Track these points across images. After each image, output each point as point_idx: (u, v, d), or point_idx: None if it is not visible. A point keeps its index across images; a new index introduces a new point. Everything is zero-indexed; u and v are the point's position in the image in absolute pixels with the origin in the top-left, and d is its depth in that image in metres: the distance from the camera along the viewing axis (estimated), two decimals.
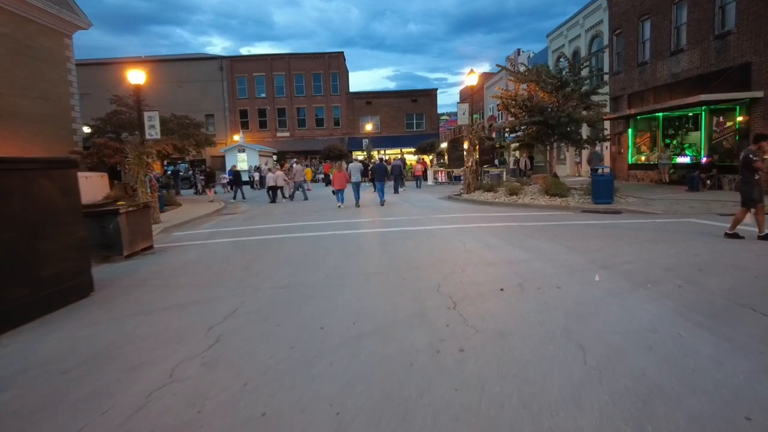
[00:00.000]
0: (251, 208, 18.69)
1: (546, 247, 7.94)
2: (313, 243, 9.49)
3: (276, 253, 8.65)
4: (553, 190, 15.03)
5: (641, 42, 20.19)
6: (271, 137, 47.30)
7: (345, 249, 8.59)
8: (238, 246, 9.78)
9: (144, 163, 14.09)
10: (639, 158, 21.31)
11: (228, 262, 8.14)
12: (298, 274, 6.83)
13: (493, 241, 8.76)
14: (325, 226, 11.95)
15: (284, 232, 11.37)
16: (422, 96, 49.11)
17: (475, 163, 17.98)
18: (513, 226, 10.54)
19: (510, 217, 12.22)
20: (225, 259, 8.38)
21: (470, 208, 14.83)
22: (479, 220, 11.92)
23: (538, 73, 15.60)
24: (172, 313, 5.36)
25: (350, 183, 17.35)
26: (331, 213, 15.29)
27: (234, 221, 14.65)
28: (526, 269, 6.47)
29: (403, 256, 7.76)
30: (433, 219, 12.48)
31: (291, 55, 47.65)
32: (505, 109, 16.81)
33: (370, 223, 12.18)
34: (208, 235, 11.71)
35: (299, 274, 6.82)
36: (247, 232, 11.75)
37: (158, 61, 47.81)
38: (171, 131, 22.00)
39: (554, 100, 15.86)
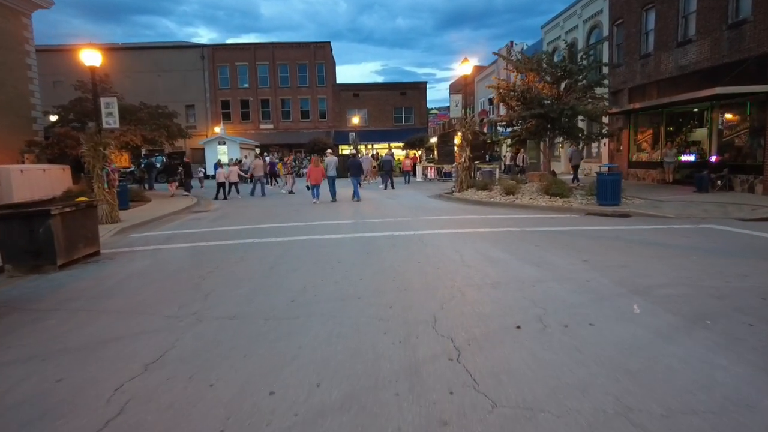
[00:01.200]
0: (224, 206, 17.20)
1: (560, 262, 6.66)
2: (283, 251, 8.11)
3: (237, 265, 7.24)
4: (554, 190, 13.80)
5: (644, 33, 19.03)
6: (254, 129, 45.55)
7: (320, 260, 7.22)
8: (196, 254, 8.35)
9: (100, 155, 12.54)
10: (640, 156, 20.21)
11: (177, 276, 6.72)
12: (256, 298, 5.45)
13: (496, 251, 7.46)
14: (301, 229, 10.57)
15: (254, 235, 9.96)
16: (411, 89, 47.68)
17: (468, 160, 16.70)
18: (515, 233, 9.25)
19: (509, 221, 10.95)
20: (175, 272, 6.97)
21: (464, 209, 13.53)
22: (475, 223, 10.62)
23: (539, 63, 14.33)
24: (77, 358, 3.96)
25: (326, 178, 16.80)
26: (309, 213, 13.89)
27: (202, 221, 13.18)
28: (542, 294, 5.17)
29: (389, 271, 6.42)
30: (423, 222, 11.16)
31: (275, 45, 45.83)
32: (501, 101, 15.56)
33: (352, 226, 10.82)
34: (166, 238, 10.26)
35: (258, 298, 5.45)
36: (211, 236, 10.32)
37: (137, 48, 45.79)
38: (141, 121, 20.34)
39: (554, 92, 14.62)
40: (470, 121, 16.75)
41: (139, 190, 19.01)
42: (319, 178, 16.53)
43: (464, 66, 16.71)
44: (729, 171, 14.54)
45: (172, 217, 14.52)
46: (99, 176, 12.59)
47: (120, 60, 43.99)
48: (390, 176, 22.39)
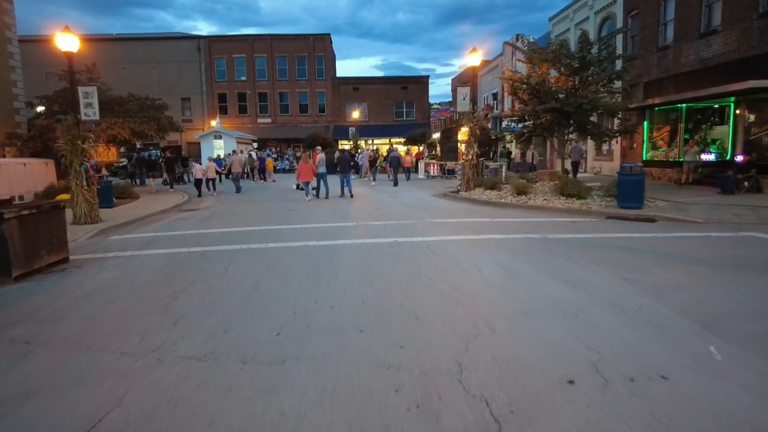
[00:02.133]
0: (215, 204, 16.15)
1: (598, 280, 5.65)
2: (273, 261, 7.08)
3: (218, 278, 6.22)
4: (570, 190, 12.78)
5: (662, 24, 17.96)
6: (251, 123, 44.42)
7: (314, 275, 6.19)
8: (175, 262, 7.33)
9: (78, 149, 11.49)
10: (655, 154, 19.19)
11: (147, 293, 5.70)
12: (234, 327, 4.44)
13: (519, 264, 6.44)
14: (296, 233, 9.54)
15: (242, 240, 8.94)
16: (413, 83, 46.54)
17: (475, 157, 15.66)
18: (535, 240, 8.23)
19: (526, 226, 9.93)
20: (145, 287, 5.95)
21: (473, 211, 12.50)
22: (489, 228, 9.60)
23: (554, 52, 13.28)
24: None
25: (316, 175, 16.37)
26: (306, 214, 12.87)
27: (189, 221, 12.16)
28: (590, 328, 4.16)
29: (395, 290, 5.40)
30: (430, 225, 10.14)
31: (273, 36, 44.62)
32: (512, 94, 14.50)
33: (351, 230, 9.79)
34: (146, 242, 9.24)
35: (236, 327, 4.43)
36: (195, 240, 9.29)
37: (131, 39, 44.60)
38: (130, 113, 19.27)
39: (570, 84, 13.58)
40: (478, 116, 15.70)
41: (127, 186, 17.95)
42: (310, 175, 16.09)
43: (472, 56, 15.62)
44: (757, 171, 13.52)
45: (158, 216, 13.51)
46: (77, 172, 11.54)
47: (113, 51, 42.87)
48: (396, 173, 21.69)
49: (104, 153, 18.46)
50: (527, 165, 21.26)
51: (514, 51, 33.92)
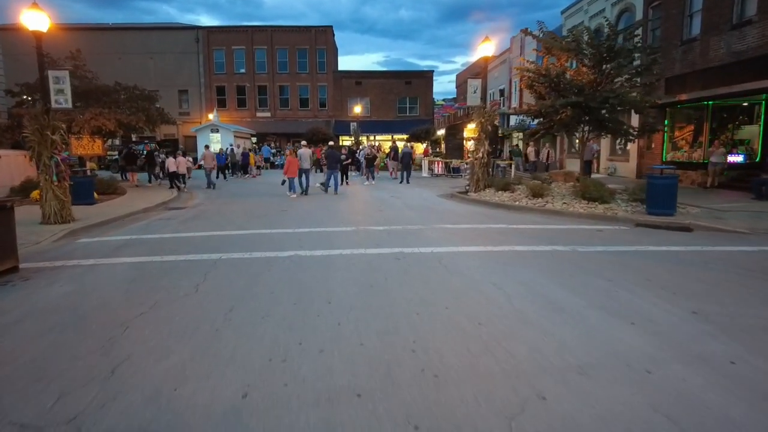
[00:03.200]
0: (204, 202, 15.00)
1: (656, 313, 4.49)
2: (254, 277, 5.91)
3: (184, 302, 5.05)
4: (592, 193, 11.62)
5: (687, 15, 16.74)
6: (250, 117, 43.21)
7: (301, 299, 5.02)
8: (140, 276, 6.17)
9: (48, 141, 10.31)
10: (676, 155, 17.99)
11: (91, 321, 4.55)
12: (188, 382, 3.28)
13: (554, 289, 5.27)
14: (286, 240, 8.38)
15: (225, 247, 7.79)
16: (416, 78, 45.25)
17: (486, 155, 14.47)
18: (565, 254, 7.06)
19: (549, 234, 8.77)
20: (93, 312, 4.80)
21: (486, 215, 11.32)
22: (508, 237, 8.43)
23: (577, 41, 12.07)
24: None
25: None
26: (300, 216, 11.70)
27: (171, 222, 11.00)
28: (673, 396, 3.00)
29: (404, 327, 4.22)
30: (439, 232, 8.97)
31: (274, 28, 43.32)
32: (528, 87, 13.32)
33: (350, 237, 8.63)
34: (116, 248, 8.09)
35: (190, 383, 3.27)
36: (172, 246, 8.13)
37: (128, 29, 43.36)
38: (117, 103, 18.09)
39: (593, 77, 12.38)
40: (490, 111, 14.50)
41: (111, 182, 16.78)
42: (296, 170, 15.94)
43: (484, 46, 14.40)
44: None
45: (140, 215, 12.37)
46: (47, 166, 10.37)
47: (110, 41, 41.70)
48: (408, 171, 20.92)
49: (89, 145, 17.27)
50: (541, 164, 20.02)
51: (524, 45, 32.65)
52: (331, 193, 16.39)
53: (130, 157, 19.99)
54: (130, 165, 20.01)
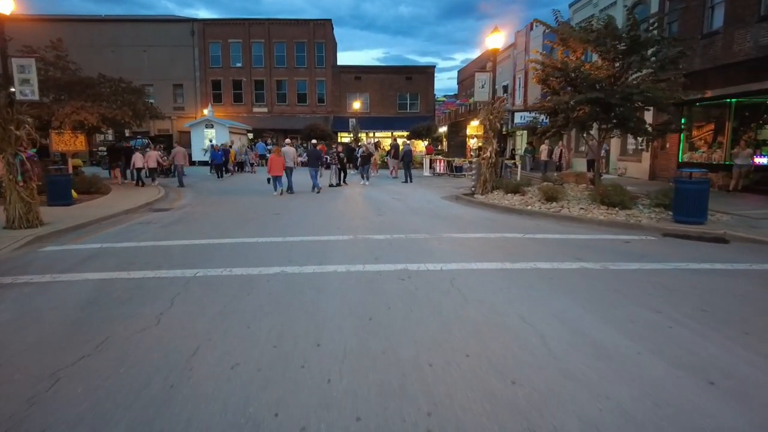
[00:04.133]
0: (192, 203, 13.99)
1: (735, 365, 3.51)
2: (230, 304, 4.92)
3: (138, 341, 4.06)
4: (611, 198, 10.64)
5: (709, 6, 15.72)
6: (246, 112, 42.08)
7: (284, 339, 4.01)
8: (98, 299, 5.19)
9: (11, 136, 9.30)
10: (693, 156, 17.00)
11: (15, 368, 3.58)
12: None
13: (596, 324, 4.30)
14: (273, 251, 7.40)
15: (203, 259, 6.81)
16: (417, 73, 44.12)
17: (494, 154, 13.47)
18: (596, 273, 6.08)
19: (571, 246, 7.79)
20: (24, 353, 3.83)
21: (497, 221, 10.33)
22: (525, 250, 7.44)
23: (599, 32, 11.04)
24: None
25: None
26: (293, 220, 10.72)
27: (151, 226, 10.02)
28: None
29: (412, 382, 3.24)
30: (449, 243, 7.99)
31: (271, 21, 42.12)
32: (542, 82, 12.31)
33: (347, 248, 7.64)
34: (83, 259, 7.12)
35: None
36: (146, 256, 7.15)
37: (121, 20, 42.17)
38: (100, 97, 17.05)
39: (613, 71, 11.38)
40: (499, 107, 13.50)
41: (94, 180, 15.78)
42: (281, 169, 15.69)
43: (493, 38, 13.39)
44: None
45: (121, 217, 11.40)
46: (11, 165, 9.36)
47: (102, 33, 40.57)
48: (409, 170, 20.33)
49: (71, 141, 16.27)
50: (552, 164, 18.98)
51: (529, 40, 31.62)
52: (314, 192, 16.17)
53: (113, 153, 18.98)
54: (114, 162, 19.02)
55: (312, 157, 17.04)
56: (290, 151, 16.62)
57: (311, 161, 16.93)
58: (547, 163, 19.20)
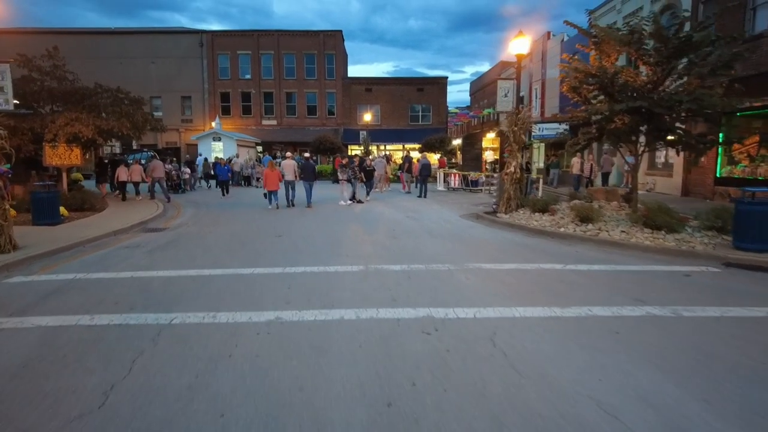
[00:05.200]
0: (190, 221, 12.90)
1: None
2: (205, 371, 3.73)
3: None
4: (656, 220, 9.36)
5: (751, 8, 14.50)
6: (255, 125, 41.32)
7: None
8: (37, 361, 4.04)
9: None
10: (734, 170, 15.64)
11: None
12: None
13: (704, 416, 3.05)
14: (269, 286, 6.21)
15: (185, 299, 5.65)
16: (429, 84, 43.11)
17: (518, 169, 12.24)
18: (669, 323, 4.81)
19: (624, 282, 6.53)
20: None
21: (528, 246, 9.07)
22: (572, 286, 6.18)
23: (639, 33, 9.84)
24: None
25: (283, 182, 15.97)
26: (295, 243, 9.57)
27: (137, 251, 8.91)
28: None
29: None
30: (477, 276, 6.75)
31: (281, 32, 41.49)
32: (572, 90, 11.11)
33: (356, 283, 6.43)
34: (46, 294, 6.01)
35: None
36: (119, 293, 6.01)
37: (129, 33, 41.80)
38: (97, 108, 16.13)
39: (655, 77, 10.16)
40: (524, 118, 12.28)
41: (88, 196, 14.80)
42: (276, 183, 15.51)
43: (518, 42, 12.21)
44: None
45: (108, 239, 10.33)
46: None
47: (111, 45, 40.23)
48: (425, 185, 19.39)
49: (65, 155, 15.28)
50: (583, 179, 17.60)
51: (546, 49, 30.50)
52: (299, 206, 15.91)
53: (101, 167, 18.03)
54: (102, 176, 18.18)
55: (306, 171, 16.54)
56: (290, 164, 16.23)
57: (306, 175, 16.46)
58: (579, 177, 17.85)
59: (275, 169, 15.90)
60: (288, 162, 16.47)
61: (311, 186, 16.37)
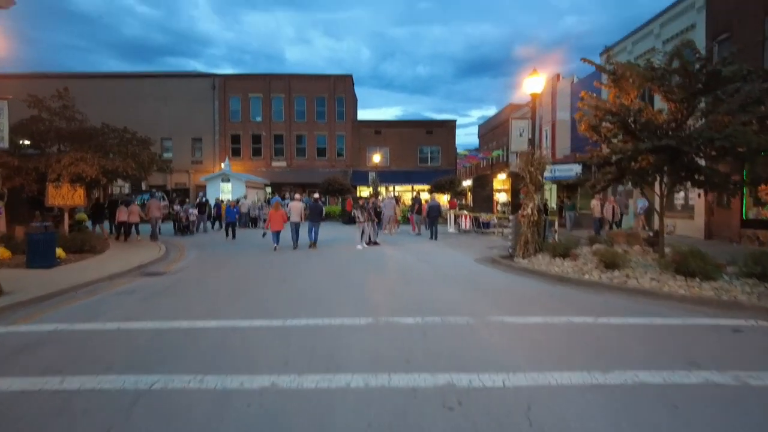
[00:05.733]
0: (191, 264, 12.34)
1: None
2: None
3: None
4: (689, 266, 8.62)
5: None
6: (265, 166, 41.40)
7: None
8: None
9: None
10: (762, 212, 14.92)
11: None
12: None
13: None
14: (266, 342, 5.54)
15: (170, 358, 5.00)
16: (438, 127, 43.24)
17: (536, 212, 11.64)
18: (736, 394, 4.06)
19: (666, 338, 5.78)
20: None
21: (553, 296, 8.33)
22: (609, 343, 5.43)
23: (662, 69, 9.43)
24: None
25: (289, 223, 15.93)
26: (298, 290, 8.93)
27: (131, 297, 8.31)
28: None
29: None
30: (502, 331, 6.04)
31: (292, 76, 42.16)
32: (591, 129, 10.64)
33: (364, 339, 5.75)
34: (20, 348, 5.45)
35: None
36: (100, 349, 5.38)
37: (142, 76, 42.67)
38: (103, 147, 15.94)
39: (680, 115, 9.67)
40: (541, 158, 11.80)
41: (88, 237, 14.37)
42: (281, 224, 15.43)
43: (532, 80, 11.89)
44: None
45: (103, 284, 9.75)
46: None
47: (125, 88, 40.99)
48: (435, 226, 18.97)
49: (68, 195, 14.98)
50: (605, 222, 16.82)
51: (555, 91, 30.46)
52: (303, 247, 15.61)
53: (97, 208, 17.65)
54: (98, 217, 17.83)
55: (314, 212, 16.46)
56: (298, 206, 16.19)
57: (312, 216, 16.41)
58: (601, 220, 17.13)
59: (280, 209, 15.82)
60: (296, 203, 16.41)
61: (317, 227, 16.25)
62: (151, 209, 18.21)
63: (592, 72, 27.55)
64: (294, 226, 15.85)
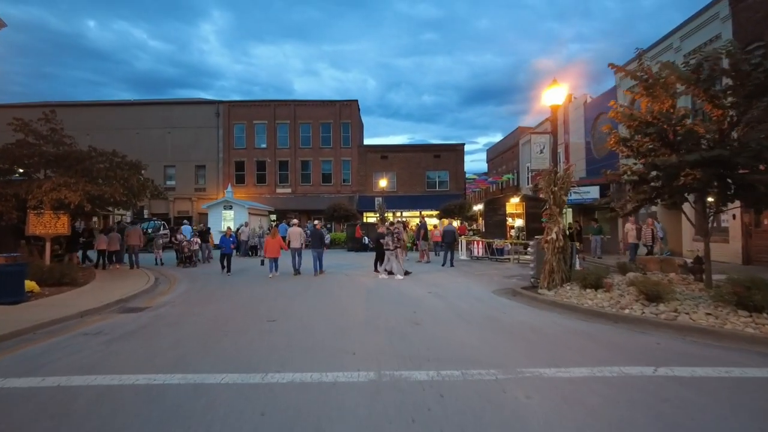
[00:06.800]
0: (177, 299, 11.09)
1: None
2: None
3: None
4: (755, 299, 7.25)
5: None
6: (269, 193, 40.51)
7: None
8: None
9: None
10: None
11: None
12: None
13: None
14: (236, 406, 4.25)
15: (115, 428, 3.74)
16: (446, 151, 42.30)
17: (562, 237, 10.34)
18: None
19: (753, 396, 4.43)
20: None
21: (596, 340, 6.94)
22: (686, 411, 4.07)
23: (710, 69, 8.31)
24: None
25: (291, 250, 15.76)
26: (288, 332, 7.65)
27: (94, 341, 7.05)
28: None
29: None
30: (542, 394, 4.71)
31: (297, 102, 41.66)
32: (621, 144, 9.43)
33: (360, 405, 4.44)
34: None
35: None
36: (23, 414, 4.13)
37: (147, 104, 42.36)
38: (90, 172, 14.95)
39: (725, 125, 8.46)
40: (566, 176, 10.56)
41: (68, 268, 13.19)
42: (277, 250, 15.01)
43: (553, 91, 10.78)
44: None
45: (70, 322, 8.56)
46: None
47: (130, 116, 40.68)
48: (451, 251, 18.26)
49: (50, 223, 13.93)
50: (648, 249, 15.18)
51: (568, 112, 29.40)
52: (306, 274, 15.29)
53: (73, 235, 16.46)
54: (72, 245, 16.78)
55: (315, 239, 16.13)
56: (297, 232, 15.94)
57: (314, 243, 16.08)
58: (636, 246, 15.66)
59: (277, 235, 15.48)
60: (294, 229, 16.10)
61: (320, 254, 15.79)
62: (130, 237, 17.38)
63: (608, 89, 26.62)
64: (295, 252, 15.53)
